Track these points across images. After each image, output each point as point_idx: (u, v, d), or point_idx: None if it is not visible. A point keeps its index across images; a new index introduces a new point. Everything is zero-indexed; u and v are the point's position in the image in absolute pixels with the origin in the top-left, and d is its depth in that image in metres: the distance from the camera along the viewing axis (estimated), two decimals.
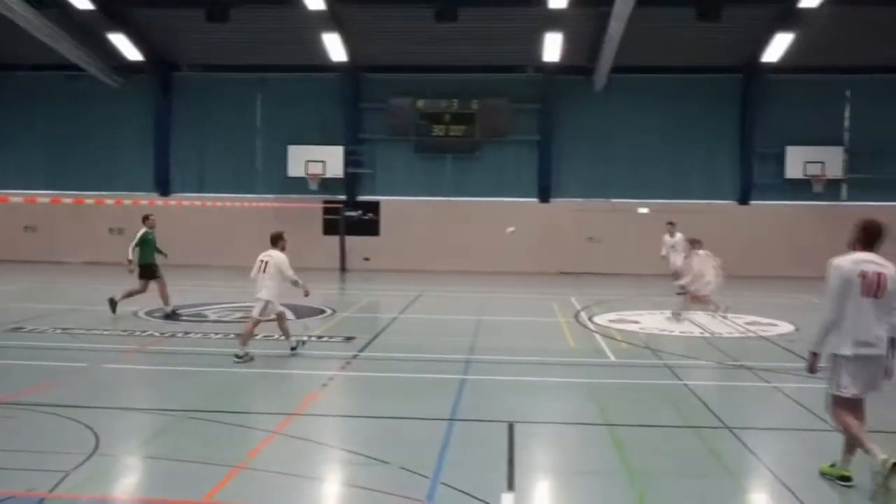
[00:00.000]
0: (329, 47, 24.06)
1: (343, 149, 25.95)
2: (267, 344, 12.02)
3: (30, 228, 27.17)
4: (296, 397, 8.91)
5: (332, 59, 24.67)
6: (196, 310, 15.17)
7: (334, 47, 24.10)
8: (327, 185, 26.10)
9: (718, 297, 14.99)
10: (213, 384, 9.41)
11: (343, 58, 24.69)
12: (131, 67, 26.17)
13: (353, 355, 11.11)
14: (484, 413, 8.17)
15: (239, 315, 14.79)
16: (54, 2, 22.64)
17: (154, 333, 12.69)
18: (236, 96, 26.89)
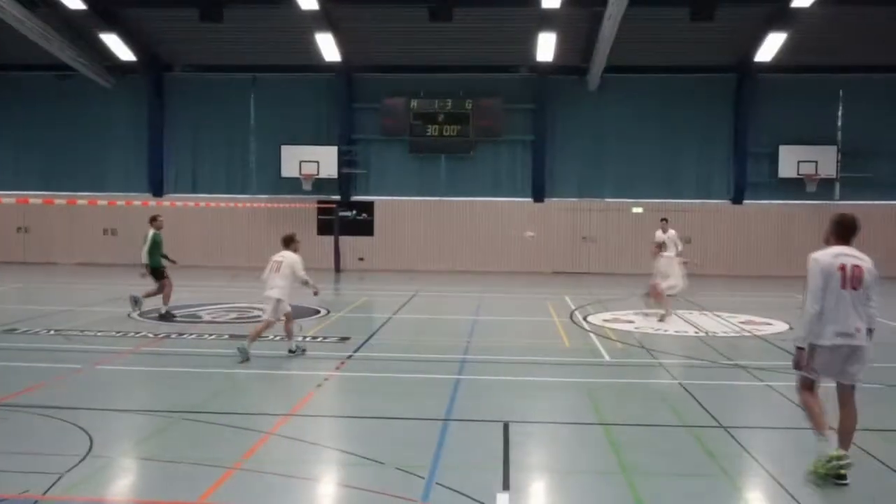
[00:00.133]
0: (323, 47, 24.03)
1: (337, 149, 25.94)
2: (262, 345, 12.01)
3: (23, 229, 27.08)
4: (291, 398, 8.90)
5: (326, 59, 24.65)
6: (190, 311, 15.12)
7: (328, 47, 24.07)
8: (321, 185, 26.07)
9: (668, 303, 14.89)
10: (208, 385, 9.39)
11: (337, 58, 24.66)
12: (124, 67, 26.10)
13: (348, 356, 11.10)
14: (479, 413, 8.17)
15: (233, 316, 14.80)
16: (46, 1, 22.56)
17: (148, 335, 12.66)
18: (229, 96, 26.83)
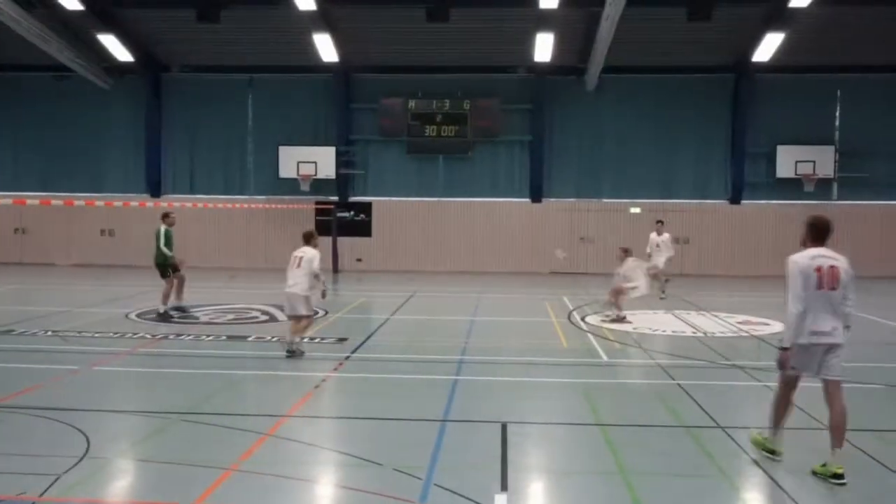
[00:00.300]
0: (320, 48, 24.00)
1: (335, 149, 25.90)
2: (259, 346, 12.01)
3: (20, 230, 27.04)
4: (288, 399, 8.88)
5: (324, 59, 24.62)
6: (188, 311, 15.07)
7: (325, 48, 24.05)
8: (319, 185, 26.04)
9: (621, 304, 14.88)
10: (205, 386, 9.37)
11: (334, 58, 24.64)
12: (121, 68, 26.05)
13: (345, 356, 11.09)
14: (477, 413, 8.16)
15: (231, 317, 14.77)
16: (43, 2, 22.52)
17: (146, 335, 12.63)
18: (227, 97, 26.78)
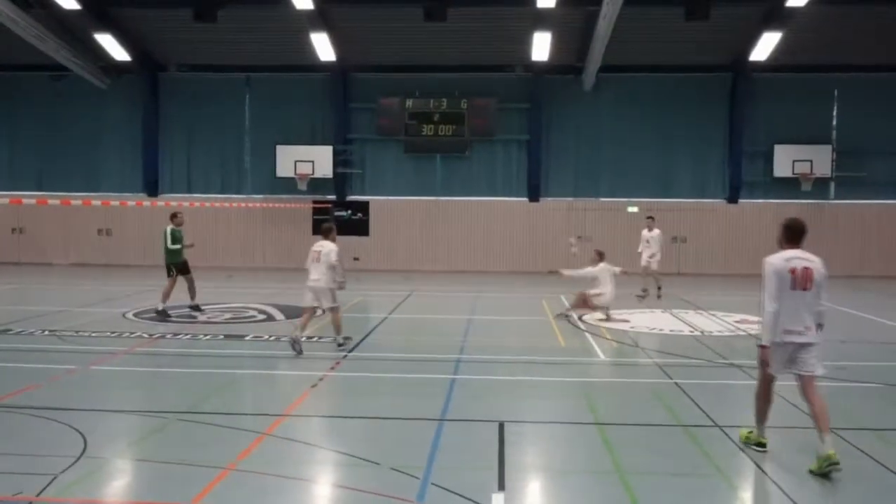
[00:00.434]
0: (317, 47, 23.98)
1: (332, 149, 25.88)
2: (257, 345, 12.00)
3: (17, 230, 26.99)
4: (286, 398, 8.88)
5: (321, 58, 24.59)
6: (185, 311, 15.07)
7: (323, 47, 24.03)
8: (316, 185, 26.02)
9: (580, 309, 14.91)
10: (203, 386, 9.37)
11: (332, 57, 24.61)
12: (118, 67, 26.01)
13: (343, 356, 11.08)
14: (474, 413, 8.17)
15: (228, 316, 14.77)
16: (40, 1, 22.47)
17: (143, 335, 12.62)
18: (224, 96, 26.75)
